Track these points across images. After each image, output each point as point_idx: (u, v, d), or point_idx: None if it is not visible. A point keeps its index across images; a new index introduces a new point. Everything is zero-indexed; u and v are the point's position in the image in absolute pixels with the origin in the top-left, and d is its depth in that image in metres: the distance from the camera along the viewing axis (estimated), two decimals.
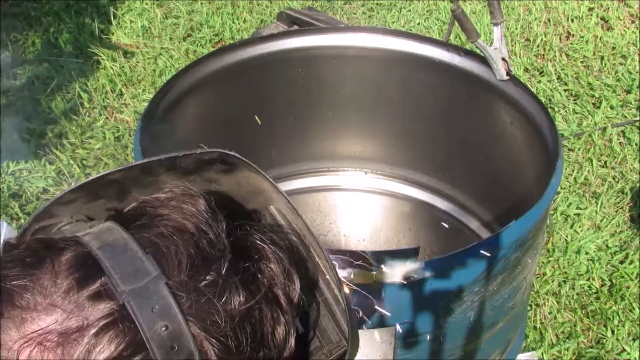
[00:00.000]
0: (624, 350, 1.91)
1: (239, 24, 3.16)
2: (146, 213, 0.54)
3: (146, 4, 3.31)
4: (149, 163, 0.57)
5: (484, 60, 1.47)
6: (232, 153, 0.58)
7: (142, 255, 0.50)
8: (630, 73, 2.82)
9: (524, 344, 1.90)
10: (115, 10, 3.21)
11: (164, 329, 0.47)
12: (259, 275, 0.53)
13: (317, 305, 0.61)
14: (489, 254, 1.12)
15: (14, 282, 0.50)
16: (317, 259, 0.61)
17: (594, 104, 2.71)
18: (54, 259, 0.50)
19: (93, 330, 0.46)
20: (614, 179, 2.40)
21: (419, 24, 3.12)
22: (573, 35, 3.05)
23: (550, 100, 2.71)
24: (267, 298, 0.53)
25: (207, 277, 0.50)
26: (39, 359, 0.46)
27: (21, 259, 0.51)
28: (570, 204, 2.30)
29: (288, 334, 0.55)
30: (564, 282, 2.08)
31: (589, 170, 2.42)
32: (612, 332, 1.94)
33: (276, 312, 0.54)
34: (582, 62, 2.90)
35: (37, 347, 0.46)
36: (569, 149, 2.51)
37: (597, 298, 2.04)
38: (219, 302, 0.50)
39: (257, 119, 1.56)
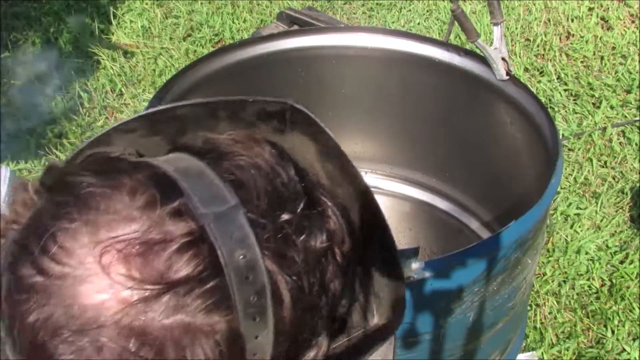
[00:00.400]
0: (624, 350, 1.91)
1: (239, 24, 3.16)
2: (214, 150, 0.52)
3: (146, 4, 3.31)
4: (216, 103, 0.56)
5: (484, 60, 1.47)
6: (302, 107, 0.55)
7: (219, 183, 0.48)
8: (630, 73, 2.82)
9: (524, 344, 1.90)
10: (115, 10, 3.21)
11: (241, 257, 0.45)
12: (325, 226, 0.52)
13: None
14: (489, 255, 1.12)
15: (90, 189, 0.47)
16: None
17: (594, 103, 2.71)
18: (130, 173, 0.48)
19: (175, 246, 0.44)
20: (614, 178, 2.40)
21: (419, 24, 3.12)
22: (573, 35, 3.05)
23: (550, 100, 2.71)
24: (331, 250, 0.53)
25: (284, 215, 0.49)
26: (120, 267, 0.44)
27: (94, 169, 0.49)
28: (570, 204, 2.29)
29: (342, 291, 0.54)
30: (564, 282, 2.08)
31: (589, 170, 2.42)
32: (612, 332, 1.94)
33: (335, 267, 0.53)
34: (582, 62, 2.90)
35: (117, 254, 0.44)
36: (569, 149, 2.51)
37: (597, 298, 2.04)
38: (297, 239, 0.49)
39: None
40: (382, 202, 1.94)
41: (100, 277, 0.44)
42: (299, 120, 0.56)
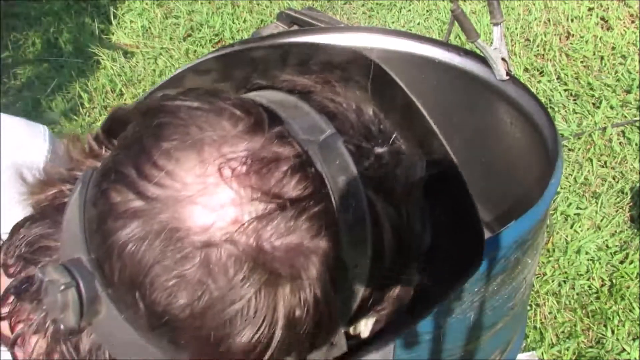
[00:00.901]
0: (624, 350, 1.91)
1: (239, 24, 3.16)
2: (296, 88, 0.51)
3: (146, 4, 3.31)
4: (289, 46, 0.55)
5: (484, 60, 1.47)
6: (373, 57, 0.54)
7: (315, 115, 0.47)
8: (630, 73, 2.82)
9: (524, 344, 1.90)
10: (115, 10, 3.21)
11: (344, 183, 0.45)
12: None
13: None
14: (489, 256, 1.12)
15: (192, 111, 0.45)
16: None
17: (593, 104, 2.71)
18: (230, 98, 0.46)
19: (286, 166, 0.43)
20: (614, 178, 2.40)
21: (419, 24, 3.12)
22: (573, 35, 3.05)
23: (550, 100, 2.71)
24: (423, 185, 0.52)
25: (377, 148, 0.48)
26: (237, 183, 0.42)
27: (192, 95, 0.47)
28: (570, 204, 2.29)
29: (425, 230, 0.52)
30: (564, 282, 2.08)
31: (589, 170, 2.42)
32: (612, 332, 1.94)
33: (424, 204, 0.52)
34: (582, 62, 2.90)
35: (232, 172, 0.42)
36: (569, 149, 2.51)
37: (597, 298, 2.04)
38: (395, 169, 0.48)
39: None
40: None
41: (210, 197, 0.42)
42: (364, 73, 0.54)
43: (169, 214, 0.42)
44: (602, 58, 2.91)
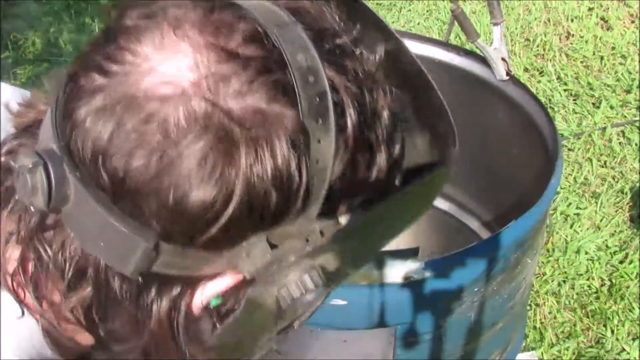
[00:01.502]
0: (624, 350, 1.91)
1: None
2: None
3: None
4: None
5: (484, 60, 1.47)
6: None
7: (277, 9, 0.48)
8: (630, 73, 2.82)
9: (524, 344, 1.90)
10: None
11: (303, 60, 0.46)
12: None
13: None
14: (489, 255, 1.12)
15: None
16: None
17: (593, 103, 2.71)
18: None
19: (242, 35, 0.45)
20: (613, 178, 2.40)
21: (419, 24, 3.12)
22: (573, 35, 3.05)
23: (550, 100, 2.71)
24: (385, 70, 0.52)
25: (338, 40, 0.49)
26: (191, 39, 0.45)
27: None
28: (570, 203, 2.30)
29: (389, 121, 0.52)
30: (564, 281, 2.08)
31: (588, 170, 2.42)
32: (612, 331, 1.94)
33: (388, 90, 0.52)
34: (581, 62, 2.90)
35: (187, 32, 0.45)
36: (569, 149, 2.51)
37: (597, 298, 2.04)
38: (355, 52, 0.49)
39: None
40: None
41: (167, 63, 0.44)
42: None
43: (128, 85, 0.44)
44: (602, 58, 2.91)
